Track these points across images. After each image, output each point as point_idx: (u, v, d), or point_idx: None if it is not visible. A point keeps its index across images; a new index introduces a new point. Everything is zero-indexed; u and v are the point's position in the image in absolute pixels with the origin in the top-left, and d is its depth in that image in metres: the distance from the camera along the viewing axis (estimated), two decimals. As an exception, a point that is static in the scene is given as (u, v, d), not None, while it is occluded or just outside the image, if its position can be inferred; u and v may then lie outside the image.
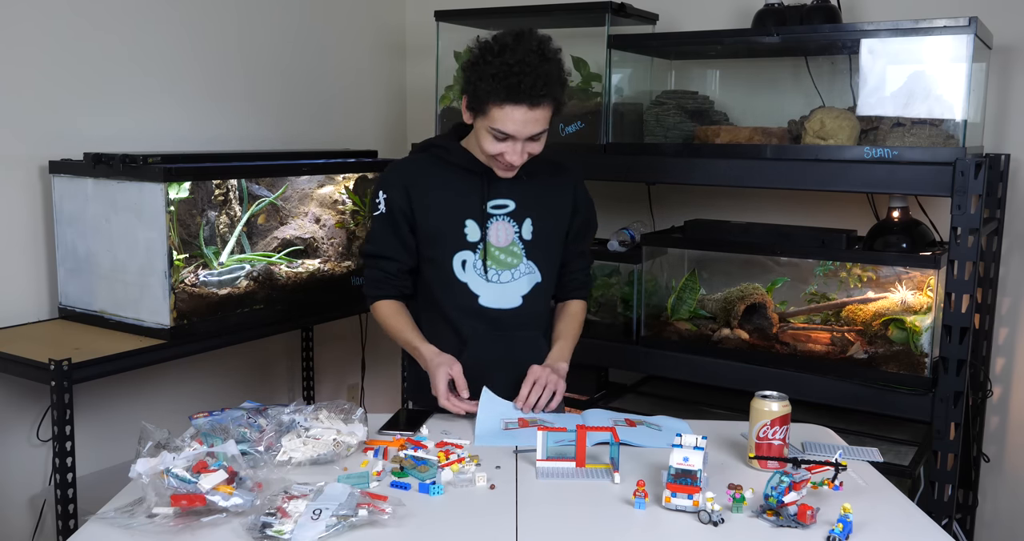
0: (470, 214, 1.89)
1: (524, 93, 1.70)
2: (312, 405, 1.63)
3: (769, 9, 2.61)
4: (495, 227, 1.89)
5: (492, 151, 1.79)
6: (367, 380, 3.50)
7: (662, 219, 3.01)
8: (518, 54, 1.70)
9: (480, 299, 1.89)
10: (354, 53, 3.39)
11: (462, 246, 1.89)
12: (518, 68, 1.69)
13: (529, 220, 1.92)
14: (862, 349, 2.41)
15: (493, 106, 1.73)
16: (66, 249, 2.42)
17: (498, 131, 1.75)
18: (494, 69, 1.70)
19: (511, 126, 1.73)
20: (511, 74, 1.69)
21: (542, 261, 1.95)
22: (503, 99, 1.71)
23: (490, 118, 1.74)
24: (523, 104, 1.71)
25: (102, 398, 2.62)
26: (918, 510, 1.46)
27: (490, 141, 1.78)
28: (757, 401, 1.58)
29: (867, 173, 2.24)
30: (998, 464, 2.70)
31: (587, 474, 1.53)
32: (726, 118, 2.85)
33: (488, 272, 1.89)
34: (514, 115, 1.72)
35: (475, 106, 1.77)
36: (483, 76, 1.72)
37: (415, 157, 1.99)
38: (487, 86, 1.71)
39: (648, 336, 2.68)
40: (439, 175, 1.91)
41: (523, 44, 1.73)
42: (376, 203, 1.93)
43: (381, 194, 1.92)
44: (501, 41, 1.74)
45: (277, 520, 1.29)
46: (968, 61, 2.16)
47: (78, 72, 2.49)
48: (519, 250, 1.91)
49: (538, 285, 1.94)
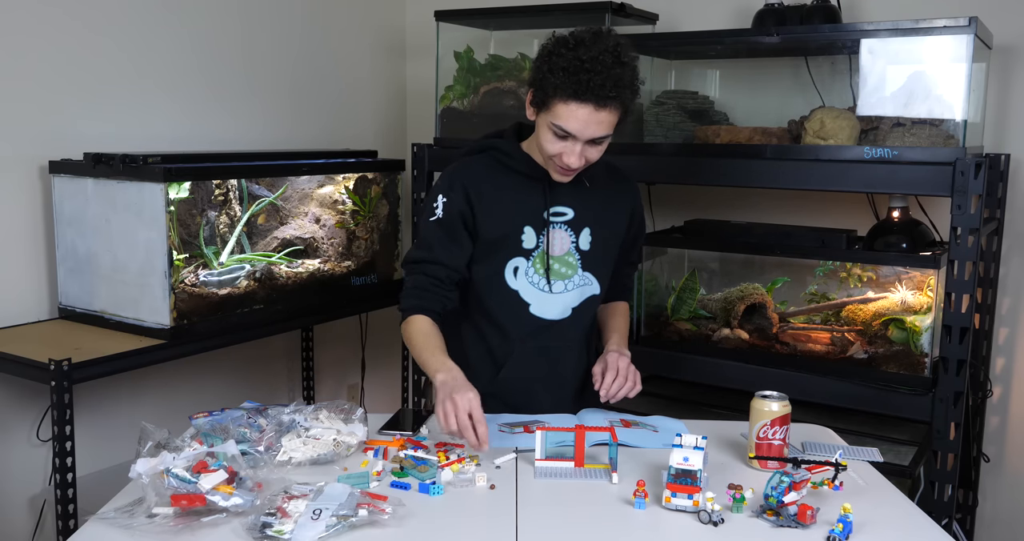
0: (529, 221, 1.82)
1: (592, 91, 1.62)
2: (312, 405, 1.63)
3: (769, 9, 2.61)
4: (553, 235, 1.84)
5: (551, 150, 1.72)
6: (367, 380, 3.50)
7: (662, 219, 3.01)
8: (593, 51, 1.63)
9: (531, 307, 1.84)
10: (354, 53, 3.39)
11: (517, 252, 1.83)
12: (590, 65, 1.62)
13: (588, 230, 1.86)
14: (862, 349, 2.40)
15: (558, 101, 1.65)
16: (66, 249, 2.42)
17: (560, 128, 1.67)
18: (565, 63, 1.63)
19: (574, 124, 1.66)
20: (582, 70, 1.62)
21: (599, 272, 1.90)
22: (570, 95, 1.63)
23: (553, 113, 1.67)
24: (589, 103, 1.63)
25: (102, 398, 2.62)
26: (918, 510, 1.45)
27: (550, 138, 1.70)
28: (757, 401, 1.58)
29: (867, 173, 2.23)
30: (998, 464, 2.70)
31: (585, 474, 1.53)
32: (726, 118, 2.85)
33: (542, 281, 1.84)
34: (578, 113, 1.65)
35: (540, 100, 1.69)
36: (553, 69, 1.65)
37: (473, 159, 1.88)
38: (555, 79, 1.64)
39: (648, 336, 2.68)
40: (500, 179, 1.83)
41: (600, 42, 1.65)
42: (433, 207, 1.82)
43: (440, 198, 1.81)
44: (578, 37, 1.67)
45: (277, 520, 1.29)
46: (968, 61, 2.16)
47: (78, 72, 2.49)
48: (574, 260, 1.86)
49: (593, 297, 1.89)
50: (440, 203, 1.82)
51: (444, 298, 1.81)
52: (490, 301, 1.85)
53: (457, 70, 2.98)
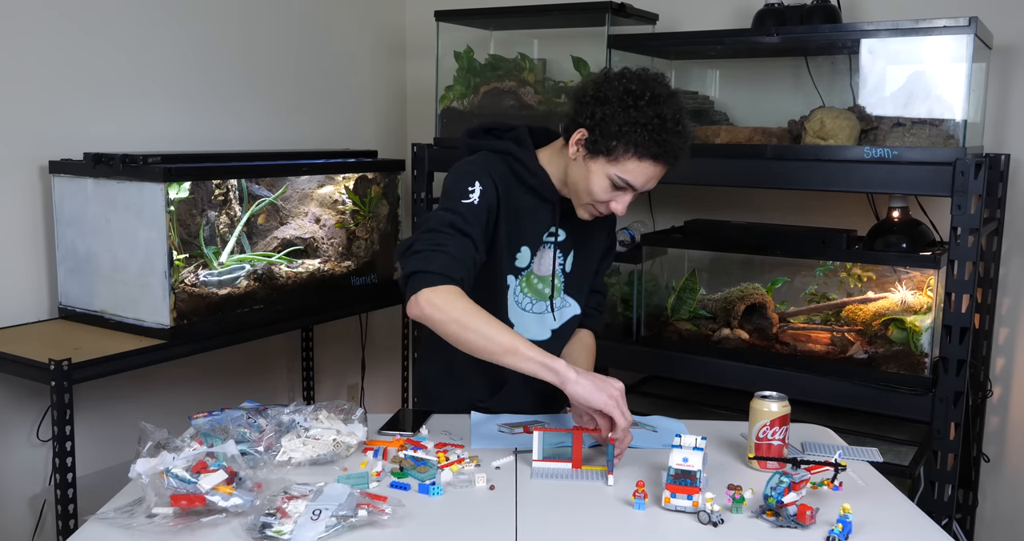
0: (528, 240, 1.79)
1: (671, 154, 1.61)
2: (312, 405, 1.63)
3: (769, 9, 2.61)
4: (543, 255, 1.82)
5: (603, 197, 1.67)
6: (367, 380, 3.50)
7: (662, 219, 3.01)
8: (671, 109, 1.60)
9: (515, 328, 1.78)
10: (354, 53, 3.39)
11: (510, 270, 1.80)
12: (671, 126, 1.59)
13: (573, 252, 1.85)
14: (862, 349, 2.40)
15: (631, 157, 1.61)
16: (66, 249, 2.42)
17: (624, 181, 1.63)
18: (645, 119, 1.58)
19: (640, 180, 1.63)
20: (664, 130, 1.59)
21: (578, 293, 1.89)
22: (650, 155, 1.60)
23: (620, 167, 1.62)
24: (663, 163, 1.62)
25: (102, 398, 2.62)
26: (918, 510, 1.45)
27: (605, 187, 1.65)
28: (757, 401, 1.57)
29: (867, 173, 2.23)
30: (998, 464, 2.70)
31: (582, 476, 1.53)
32: (726, 118, 2.85)
33: (525, 300, 1.82)
34: (649, 171, 1.63)
35: (603, 148, 1.62)
36: (632, 123, 1.59)
37: (493, 157, 1.76)
38: (636, 137, 1.59)
39: (648, 336, 2.68)
40: (515, 190, 1.75)
41: (676, 101, 1.62)
42: (468, 191, 1.66)
43: (477, 185, 1.67)
44: (652, 90, 1.61)
45: (277, 520, 1.29)
46: (968, 61, 2.16)
47: (78, 72, 2.49)
48: (559, 282, 1.84)
49: (573, 318, 1.88)
50: (477, 189, 1.67)
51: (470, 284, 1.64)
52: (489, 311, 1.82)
53: (457, 70, 2.98)
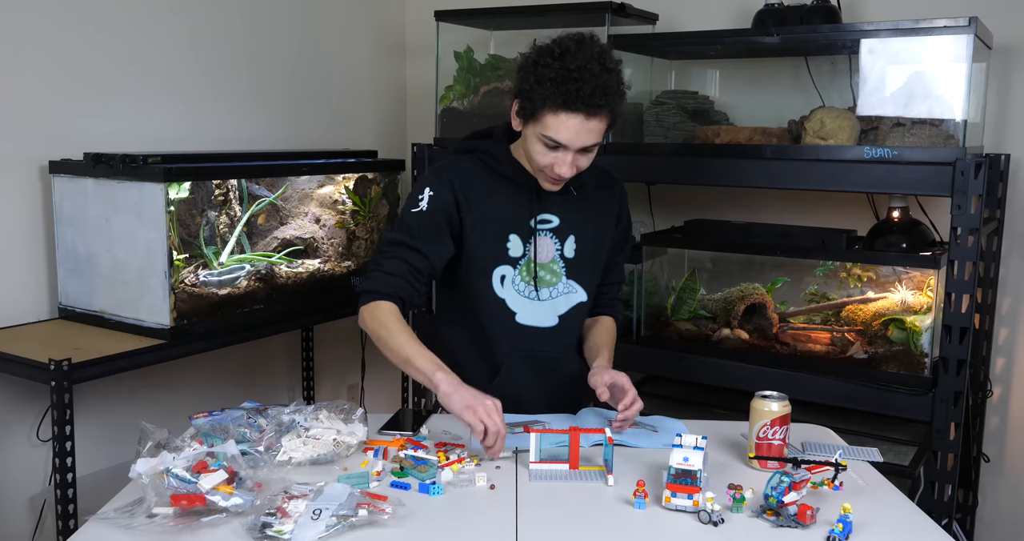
0: (515, 228, 1.81)
1: (582, 101, 1.60)
2: (312, 405, 1.63)
3: (769, 9, 2.61)
4: (539, 243, 1.83)
5: (542, 162, 1.70)
6: (367, 380, 3.50)
7: (662, 219, 3.01)
8: (579, 60, 1.61)
9: (518, 316, 1.83)
10: (354, 53, 3.39)
11: (503, 261, 1.81)
12: (578, 74, 1.60)
13: (572, 237, 1.85)
14: (862, 349, 2.40)
15: (547, 112, 1.64)
16: (66, 249, 2.42)
17: (550, 139, 1.66)
18: (552, 73, 1.61)
19: (564, 135, 1.65)
20: (570, 79, 1.60)
21: (584, 280, 1.89)
22: (559, 105, 1.62)
23: (543, 124, 1.65)
24: (579, 112, 1.62)
25: (102, 398, 2.62)
26: (918, 510, 1.46)
27: (540, 150, 1.69)
28: (757, 401, 1.58)
29: (867, 173, 2.23)
30: (998, 464, 2.70)
31: (580, 476, 1.53)
32: (726, 118, 2.85)
33: (528, 288, 1.83)
34: (569, 123, 1.63)
35: (527, 111, 1.67)
36: (540, 80, 1.62)
37: (460, 158, 1.85)
38: (543, 90, 1.62)
39: (648, 336, 2.68)
40: (488, 183, 1.81)
41: (585, 50, 1.63)
42: (417, 199, 1.77)
43: (427, 191, 1.77)
44: (562, 45, 1.64)
45: (277, 520, 1.29)
46: (968, 61, 2.16)
47: (78, 72, 2.49)
48: (559, 268, 1.85)
49: (580, 304, 1.89)
50: (426, 196, 1.77)
51: (415, 291, 1.75)
52: (479, 311, 1.83)
53: (457, 70, 2.98)
